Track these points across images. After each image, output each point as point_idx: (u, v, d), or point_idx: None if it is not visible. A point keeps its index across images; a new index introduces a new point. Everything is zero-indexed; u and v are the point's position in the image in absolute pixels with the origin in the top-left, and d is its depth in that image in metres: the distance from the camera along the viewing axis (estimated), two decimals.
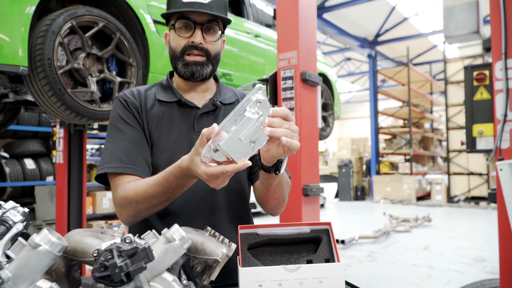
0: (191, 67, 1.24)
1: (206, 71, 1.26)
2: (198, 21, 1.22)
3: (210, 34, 1.25)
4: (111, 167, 1.16)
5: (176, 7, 1.21)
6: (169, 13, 1.23)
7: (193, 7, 1.19)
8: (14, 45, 2.21)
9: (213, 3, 1.22)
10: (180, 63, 1.25)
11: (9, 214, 0.93)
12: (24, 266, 0.66)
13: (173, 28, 1.25)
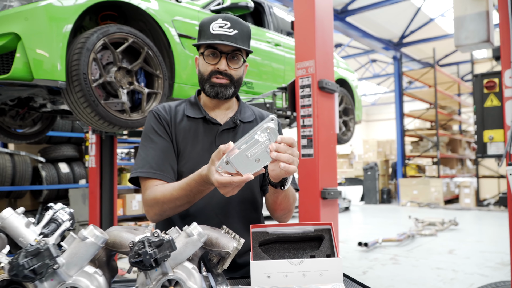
0: (216, 88, 1.42)
1: (229, 92, 1.43)
2: (223, 50, 1.39)
3: (233, 62, 1.42)
4: (143, 172, 1.35)
5: (206, 37, 1.39)
6: (200, 44, 1.40)
7: (219, 39, 1.36)
8: (53, 60, 2.44)
9: (238, 35, 1.39)
10: (207, 84, 1.42)
11: (59, 214, 1.11)
12: (75, 255, 0.83)
13: (202, 55, 1.42)
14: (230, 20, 1.39)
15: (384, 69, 19.03)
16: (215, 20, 1.39)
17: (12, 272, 0.74)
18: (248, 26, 1.45)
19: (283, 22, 4.69)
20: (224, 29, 1.37)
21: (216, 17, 1.40)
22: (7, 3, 2.44)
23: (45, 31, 2.41)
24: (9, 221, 1.02)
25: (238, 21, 1.41)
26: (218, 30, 1.37)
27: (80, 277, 0.83)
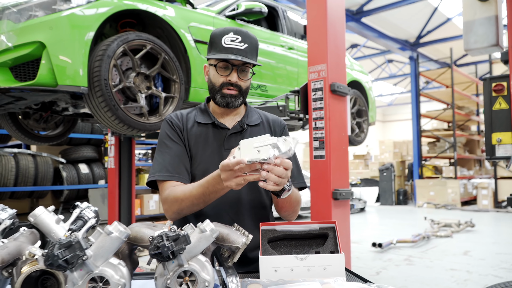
0: (227, 99, 1.52)
1: (238, 102, 1.54)
2: (235, 63, 1.49)
3: (243, 74, 1.52)
4: (160, 176, 1.46)
5: (218, 50, 1.48)
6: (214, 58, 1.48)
7: (231, 52, 1.46)
8: (75, 67, 2.57)
9: (248, 49, 1.48)
10: (219, 95, 1.52)
11: (85, 211, 1.22)
12: (101, 248, 0.93)
13: (214, 66, 1.51)
14: (241, 34, 1.48)
15: (401, 69, 18.90)
16: (227, 33, 1.48)
17: (47, 262, 0.85)
18: (256, 39, 1.54)
19: (297, 25, 4.77)
20: (236, 43, 1.46)
21: (228, 30, 1.49)
22: (32, 13, 2.59)
23: (68, 39, 2.55)
24: (41, 218, 1.14)
25: (248, 35, 1.50)
26: (230, 44, 1.46)
27: (106, 268, 0.93)
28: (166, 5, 3.15)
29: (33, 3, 2.60)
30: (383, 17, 12.34)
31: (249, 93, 3.74)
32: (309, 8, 3.30)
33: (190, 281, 0.96)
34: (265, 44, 3.97)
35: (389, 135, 27.57)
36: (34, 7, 2.58)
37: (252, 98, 3.79)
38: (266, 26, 4.47)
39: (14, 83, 2.54)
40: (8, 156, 6.51)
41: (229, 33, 1.48)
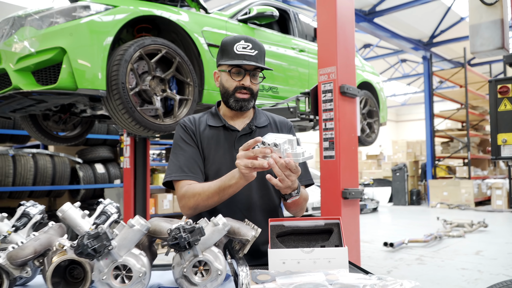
0: (240, 103, 1.62)
1: (250, 105, 1.65)
2: (247, 68, 1.59)
3: (254, 78, 1.63)
4: (176, 176, 1.57)
5: (230, 57, 1.58)
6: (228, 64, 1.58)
7: (244, 59, 1.57)
8: (94, 71, 2.69)
9: (258, 55, 1.60)
10: (232, 99, 1.62)
11: (108, 207, 1.33)
12: (124, 239, 1.03)
13: (226, 72, 1.62)
14: (251, 42, 1.59)
15: (414, 68, 18.80)
16: (238, 41, 1.59)
17: (78, 250, 0.95)
18: (263, 47, 1.65)
19: (308, 27, 4.84)
20: (247, 50, 1.57)
21: (239, 38, 1.60)
22: (53, 20, 2.72)
23: (87, 45, 2.67)
24: (68, 213, 1.25)
25: (257, 43, 1.61)
26: (242, 51, 1.57)
27: (129, 257, 1.03)
28: (180, 10, 3.26)
29: (54, 11, 2.73)
30: (396, 17, 12.31)
31: (260, 95, 3.85)
32: (319, 12, 3.38)
33: (204, 270, 1.06)
34: (277, 46, 4.06)
35: (402, 135, 27.39)
36: (55, 14, 2.71)
37: (264, 100, 3.88)
38: (278, 29, 4.56)
39: (37, 87, 2.67)
40: (27, 156, 6.70)
41: (240, 41, 1.59)
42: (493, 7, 2.54)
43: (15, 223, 1.21)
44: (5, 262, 1.05)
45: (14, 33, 2.72)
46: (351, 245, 3.26)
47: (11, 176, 6.35)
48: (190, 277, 1.03)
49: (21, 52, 2.65)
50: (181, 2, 3.62)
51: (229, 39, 1.62)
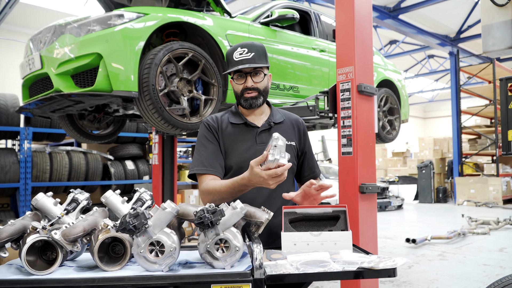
0: (249, 101, 1.82)
1: (259, 101, 1.84)
2: (247, 71, 1.79)
3: (257, 77, 1.81)
4: (198, 169, 1.78)
5: (232, 65, 1.79)
6: (229, 72, 1.81)
7: (241, 63, 1.76)
8: (127, 73, 2.93)
9: (255, 56, 1.78)
10: (242, 99, 1.83)
11: (143, 195, 1.53)
12: (158, 219, 1.23)
13: (232, 79, 1.84)
14: (247, 46, 1.78)
15: (442, 64, 18.50)
16: (236, 49, 1.79)
17: (121, 227, 1.15)
18: (262, 46, 1.82)
19: (329, 28, 4.97)
20: (244, 55, 1.76)
21: (236, 46, 1.80)
22: (90, 27, 2.97)
23: (121, 50, 2.91)
24: (110, 199, 1.46)
25: (253, 45, 1.79)
26: (239, 57, 1.77)
27: (161, 235, 1.23)
28: (206, 15, 3.46)
29: (91, 19, 2.98)
30: (421, 13, 12.20)
31: (282, 94, 4.01)
32: (337, 14, 3.52)
33: (225, 247, 1.24)
34: (297, 47, 4.21)
35: (430, 132, 26.95)
36: (92, 22, 2.96)
37: (285, 99, 4.05)
38: (299, 30, 4.71)
39: (76, 89, 2.93)
40: (62, 153, 7.09)
41: (237, 48, 1.79)
42: (505, 8, 2.63)
43: (66, 207, 1.43)
44: (60, 238, 1.26)
45: (55, 40, 2.99)
46: (368, 238, 3.39)
47: (48, 172, 6.73)
48: (212, 252, 1.23)
49: (62, 57, 2.91)
50: (206, 7, 3.83)
51: (230, 50, 1.82)
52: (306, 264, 1.26)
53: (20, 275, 1.22)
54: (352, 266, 1.23)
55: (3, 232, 1.26)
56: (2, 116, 6.22)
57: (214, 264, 1.24)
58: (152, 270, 1.22)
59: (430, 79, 22.24)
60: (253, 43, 1.80)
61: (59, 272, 1.26)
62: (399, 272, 4.96)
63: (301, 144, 1.95)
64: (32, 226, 1.27)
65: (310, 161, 1.99)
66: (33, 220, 1.36)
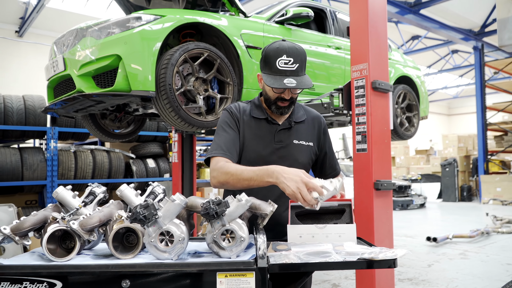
0: (281, 109, 1.81)
1: (290, 109, 1.84)
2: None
3: (295, 89, 1.78)
4: (216, 153, 1.74)
5: (272, 71, 1.71)
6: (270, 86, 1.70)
7: (285, 74, 1.69)
8: (145, 73, 3.03)
9: (299, 67, 1.72)
10: (274, 106, 1.81)
11: (156, 188, 1.61)
12: (168, 211, 1.30)
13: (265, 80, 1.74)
14: (292, 55, 1.71)
15: (466, 59, 18.10)
16: (281, 55, 1.70)
17: (132, 217, 1.23)
18: (304, 53, 1.76)
19: (345, 24, 4.98)
20: (289, 65, 1.70)
21: (281, 52, 1.71)
22: (110, 30, 3.08)
23: (139, 51, 3.01)
24: (125, 192, 1.54)
25: (298, 53, 1.73)
26: (283, 66, 1.70)
27: (171, 225, 1.30)
28: (221, 16, 3.54)
29: (111, 22, 3.09)
30: (443, 7, 11.99)
31: None
32: (351, 11, 3.53)
33: (231, 237, 1.31)
34: (313, 45, 4.24)
35: (454, 129, 26.41)
36: (112, 25, 3.07)
37: (300, 96, 4.08)
38: (315, 28, 4.73)
39: (96, 90, 3.05)
40: (86, 152, 7.31)
41: (282, 55, 1.70)
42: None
43: (84, 199, 1.52)
44: (77, 227, 1.35)
45: (77, 43, 3.12)
46: (383, 235, 3.40)
47: (73, 170, 6.96)
48: (219, 242, 1.29)
49: (83, 59, 3.03)
50: (222, 8, 3.90)
51: (272, 51, 1.73)
52: (309, 254, 1.31)
53: (41, 261, 1.31)
54: (353, 257, 1.27)
55: (26, 222, 1.36)
56: (30, 117, 6.46)
57: (220, 253, 1.30)
58: (162, 259, 1.29)
59: (454, 74, 21.79)
60: (297, 49, 1.73)
61: (77, 259, 1.35)
62: (419, 271, 4.94)
63: (320, 143, 1.95)
64: (52, 217, 1.36)
65: (331, 160, 1.99)
66: (54, 211, 1.45)
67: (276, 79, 1.70)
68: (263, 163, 1.65)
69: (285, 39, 1.80)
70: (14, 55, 13.00)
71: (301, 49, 1.75)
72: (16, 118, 6.33)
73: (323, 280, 4.64)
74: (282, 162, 1.78)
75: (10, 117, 6.28)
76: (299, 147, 1.86)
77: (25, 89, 11.19)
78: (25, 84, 12.64)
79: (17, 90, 10.72)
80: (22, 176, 6.27)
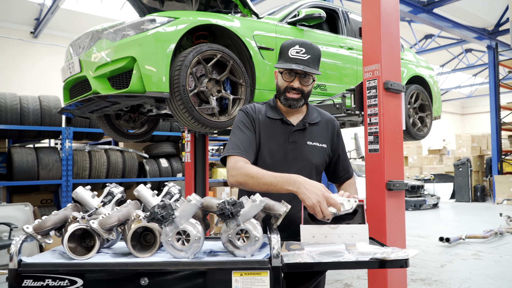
0: (289, 101, 1.83)
1: (299, 104, 1.85)
2: (298, 72, 1.79)
3: (305, 80, 1.81)
4: (232, 152, 1.76)
5: (285, 59, 1.78)
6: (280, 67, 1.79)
7: (295, 62, 1.75)
8: (159, 75, 3.07)
9: (310, 59, 1.77)
10: (282, 97, 1.84)
11: (172, 189, 1.65)
12: (184, 211, 1.34)
13: (280, 73, 1.83)
14: (305, 46, 1.77)
15: (480, 58, 17.89)
16: (293, 46, 1.77)
17: (150, 217, 1.27)
18: (319, 50, 1.82)
19: (357, 25, 4.97)
20: (300, 54, 1.76)
21: (295, 43, 1.79)
22: (125, 32, 3.14)
23: (154, 53, 3.06)
24: (142, 192, 1.59)
25: (312, 47, 1.78)
26: (295, 55, 1.76)
27: (187, 225, 1.34)
28: (233, 17, 3.57)
29: (125, 24, 3.15)
30: (457, 6, 11.87)
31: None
32: (363, 12, 3.54)
33: (245, 237, 1.34)
34: (325, 46, 4.25)
35: (468, 129, 26.11)
36: (127, 27, 3.12)
37: (312, 97, 4.10)
38: (327, 28, 4.74)
39: (112, 91, 3.11)
40: (101, 151, 7.41)
41: (295, 45, 1.77)
42: None
43: (103, 199, 1.57)
44: (97, 227, 1.39)
45: (93, 45, 3.18)
46: (396, 236, 3.40)
47: (88, 169, 7.07)
48: (234, 242, 1.32)
49: (99, 61, 3.09)
50: (234, 9, 3.94)
51: (287, 43, 1.81)
52: (322, 254, 1.34)
53: (62, 259, 1.36)
54: (365, 256, 1.30)
55: (48, 221, 1.41)
56: (46, 117, 6.58)
57: (235, 252, 1.34)
58: (179, 257, 1.33)
59: (467, 74, 21.54)
60: (311, 44, 1.79)
61: (97, 257, 1.39)
62: (431, 271, 4.92)
63: (333, 145, 1.97)
64: (72, 216, 1.41)
65: (344, 162, 2.01)
66: (74, 211, 1.50)
67: (285, 65, 1.76)
68: (277, 163, 1.68)
69: None
70: (28, 55, 13.24)
71: (315, 45, 1.80)
72: (32, 118, 6.45)
73: (335, 280, 4.66)
74: (295, 163, 1.81)
75: (26, 118, 6.41)
76: (312, 148, 1.87)
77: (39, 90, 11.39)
78: (39, 85, 12.86)
79: (31, 90, 10.93)
80: (38, 176, 6.39)
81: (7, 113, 6.20)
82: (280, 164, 1.80)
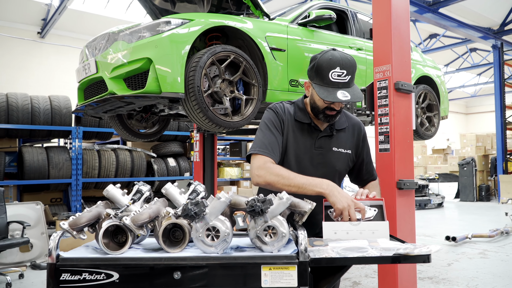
0: (329, 118, 1.81)
1: (336, 118, 1.83)
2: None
3: None
4: (260, 151, 1.76)
5: (325, 82, 1.71)
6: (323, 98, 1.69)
7: (338, 87, 1.70)
8: (175, 76, 3.13)
9: (350, 79, 1.72)
10: (321, 114, 1.80)
11: (197, 187, 1.71)
12: (214, 208, 1.40)
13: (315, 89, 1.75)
14: (345, 68, 1.70)
15: (485, 58, 17.89)
16: (334, 67, 1.70)
17: (184, 213, 1.33)
18: (355, 63, 1.74)
19: (366, 26, 5.02)
20: (341, 78, 1.70)
21: (334, 64, 1.70)
22: (141, 34, 3.20)
23: (169, 54, 3.12)
24: (170, 190, 1.65)
25: (350, 64, 1.72)
26: (336, 79, 1.70)
27: (217, 222, 1.40)
28: (246, 19, 3.63)
29: (141, 26, 3.21)
30: (462, 6, 11.89)
31: None
32: (374, 13, 3.59)
33: (272, 233, 1.40)
34: (335, 46, 4.30)
35: (472, 128, 26.08)
36: (143, 29, 3.19)
37: None
38: (336, 29, 4.79)
39: (128, 92, 3.17)
40: (109, 151, 7.49)
41: (335, 67, 1.69)
42: None
43: (132, 197, 1.63)
44: (130, 223, 1.45)
45: (109, 47, 3.24)
46: (406, 234, 3.45)
47: (97, 168, 7.15)
48: (262, 238, 1.38)
49: (115, 62, 3.16)
50: (246, 11, 3.99)
51: (325, 62, 1.71)
52: (346, 249, 1.39)
53: (97, 254, 1.42)
54: (388, 252, 1.35)
55: (83, 218, 1.47)
56: (56, 117, 6.66)
57: (263, 248, 1.39)
58: (209, 252, 1.38)
59: (472, 73, 21.53)
60: (349, 61, 1.72)
61: (129, 252, 1.45)
62: (439, 270, 4.97)
63: (358, 149, 1.97)
64: (106, 213, 1.47)
65: (368, 166, 2.03)
66: (106, 208, 1.56)
67: (329, 91, 1.70)
68: (302, 167, 1.71)
69: (335, 48, 1.81)
70: (35, 55, 13.34)
71: (352, 60, 1.74)
72: (43, 118, 6.53)
73: (344, 278, 4.71)
74: (320, 168, 1.85)
75: (37, 117, 6.49)
76: (337, 155, 1.89)
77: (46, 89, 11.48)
78: (46, 84, 12.96)
79: (38, 90, 11.01)
80: (48, 175, 6.48)
81: (19, 113, 6.28)
82: (305, 168, 1.82)
